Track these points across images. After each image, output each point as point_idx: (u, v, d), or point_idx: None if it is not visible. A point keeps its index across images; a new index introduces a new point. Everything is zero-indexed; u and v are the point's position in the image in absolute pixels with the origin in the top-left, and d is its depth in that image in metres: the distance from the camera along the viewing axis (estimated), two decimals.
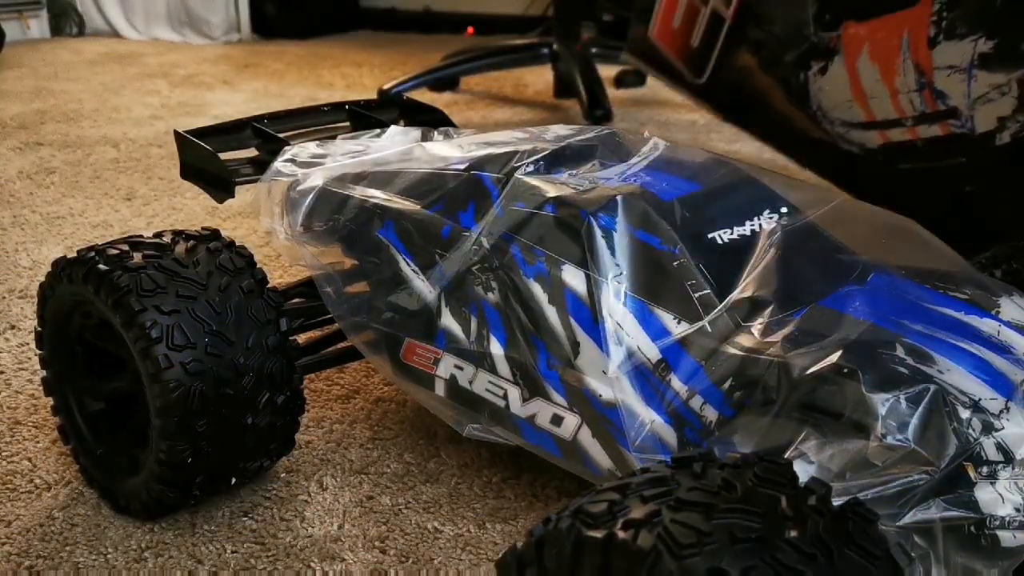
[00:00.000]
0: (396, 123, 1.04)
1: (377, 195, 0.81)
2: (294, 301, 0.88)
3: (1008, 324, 0.62)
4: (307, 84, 2.67)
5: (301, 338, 0.86)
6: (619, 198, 0.69)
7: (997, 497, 0.52)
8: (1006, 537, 0.52)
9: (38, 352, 0.87)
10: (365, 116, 1.04)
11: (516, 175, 0.75)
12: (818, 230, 0.70)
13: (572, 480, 0.83)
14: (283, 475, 0.87)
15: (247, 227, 1.52)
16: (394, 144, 0.89)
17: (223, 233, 0.84)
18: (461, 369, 0.73)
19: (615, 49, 2.55)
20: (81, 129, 2.15)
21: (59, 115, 2.27)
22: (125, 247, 0.78)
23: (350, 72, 2.85)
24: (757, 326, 0.63)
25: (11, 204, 1.65)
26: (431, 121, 1.04)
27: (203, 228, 0.84)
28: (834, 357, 0.57)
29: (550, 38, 2.40)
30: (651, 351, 0.64)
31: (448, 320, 0.74)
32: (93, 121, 2.23)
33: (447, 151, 0.84)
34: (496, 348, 0.71)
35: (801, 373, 0.58)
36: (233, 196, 0.93)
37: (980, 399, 0.54)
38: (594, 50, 2.34)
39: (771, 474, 0.46)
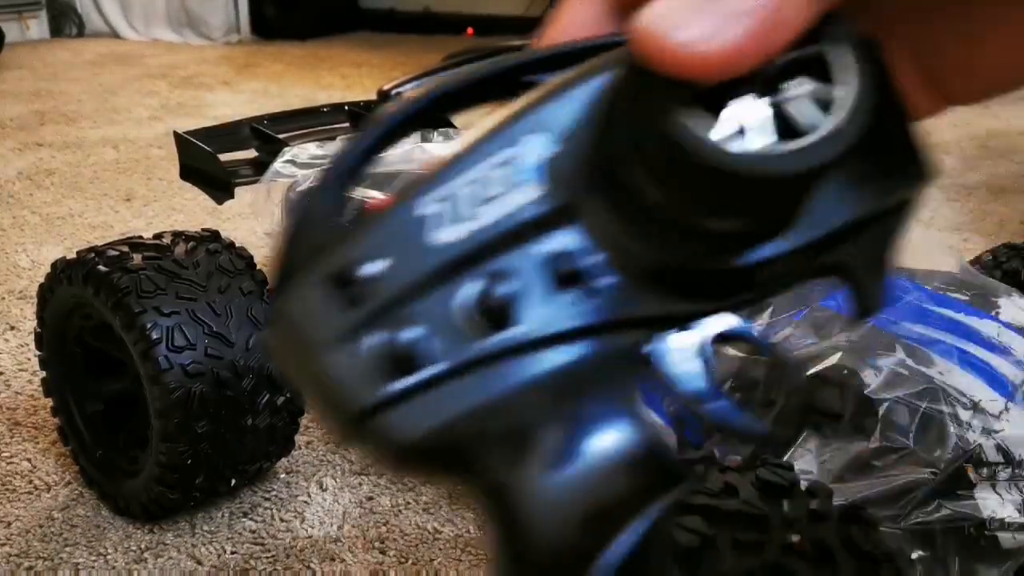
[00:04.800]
0: None
1: (377, 196, 0.81)
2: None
3: (1008, 325, 0.62)
4: (307, 85, 2.67)
5: None
6: None
7: (997, 498, 0.52)
8: (1006, 538, 0.52)
9: (38, 353, 0.86)
10: (365, 117, 1.04)
11: None
12: None
13: None
14: (283, 476, 0.87)
15: (247, 228, 1.52)
16: (394, 145, 0.89)
17: (223, 234, 0.84)
18: None
19: None
20: (81, 130, 2.15)
21: (59, 116, 2.27)
22: (125, 248, 0.78)
23: (350, 73, 2.85)
24: (757, 327, 0.63)
25: (11, 205, 1.65)
26: (431, 122, 1.04)
27: (203, 229, 0.84)
28: (834, 358, 0.57)
29: None
30: None
31: None
32: (93, 122, 2.23)
33: (447, 152, 0.84)
34: None
35: (801, 375, 0.58)
36: (233, 197, 0.93)
37: (980, 400, 0.54)
38: None
39: (772, 477, 0.46)
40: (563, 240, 0.23)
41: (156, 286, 0.74)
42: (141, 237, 0.81)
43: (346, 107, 1.07)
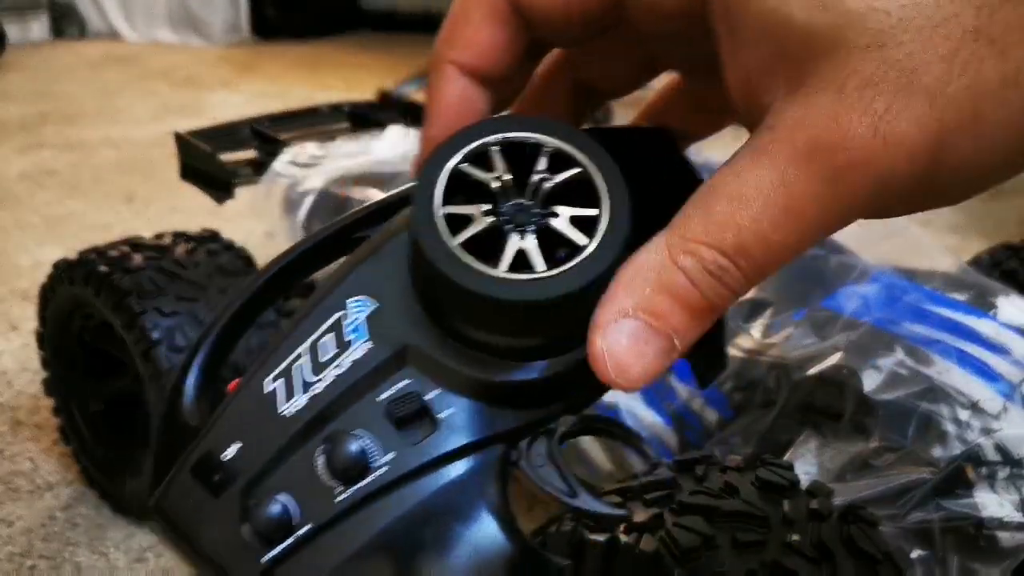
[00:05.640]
0: (396, 124, 1.04)
1: (377, 196, 0.81)
2: (294, 303, 0.88)
3: (1006, 325, 0.62)
4: (307, 85, 2.67)
5: None
6: None
7: (996, 498, 0.52)
8: (1004, 538, 0.52)
9: (40, 353, 0.87)
10: (364, 117, 1.04)
11: None
12: None
13: None
14: None
15: (247, 228, 1.52)
16: (394, 145, 0.89)
17: (223, 234, 0.84)
18: None
19: None
20: (82, 131, 2.15)
21: (60, 117, 2.27)
22: (125, 249, 0.78)
23: (350, 73, 2.85)
24: (757, 327, 0.63)
25: (12, 205, 1.65)
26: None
27: (203, 229, 0.84)
28: (834, 358, 0.57)
29: None
30: None
31: None
32: (94, 123, 2.23)
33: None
34: None
35: (801, 375, 0.58)
36: (233, 197, 0.93)
37: (979, 400, 0.54)
38: None
39: (772, 477, 0.46)
40: (398, 385, 0.25)
41: (156, 286, 0.74)
42: (142, 237, 0.82)
43: (346, 108, 1.07)
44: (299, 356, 0.26)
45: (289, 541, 0.24)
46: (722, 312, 0.23)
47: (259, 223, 0.87)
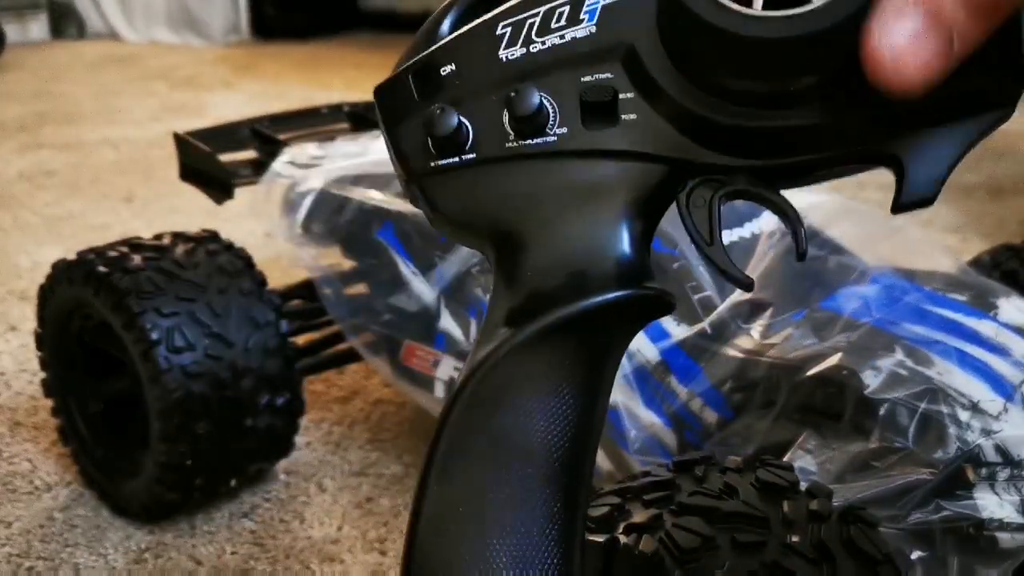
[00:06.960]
0: None
1: (376, 197, 0.81)
2: (293, 303, 0.88)
3: (1006, 326, 0.62)
4: (307, 85, 2.67)
5: (300, 340, 0.86)
6: None
7: (996, 499, 0.52)
8: (1004, 538, 0.52)
9: (38, 354, 0.87)
10: (364, 117, 1.04)
11: None
12: (818, 232, 0.70)
13: None
14: (282, 477, 0.87)
15: (247, 228, 1.52)
16: None
17: (222, 235, 0.84)
18: (461, 371, 0.73)
19: None
20: (81, 131, 2.15)
21: (59, 117, 2.27)
22: (125, 249, 0.78)
23: (350, 73, 2.85)
24: (757, 328, 0.63)
25: (11, 205, 1.65)
26: None
27: (203, 230, 0.84)
28: (834, 359, 0.57)
29: None
30: (651, 353, 0.64)
31: (448, 322, 0.74)
32: (93, 123, 2.23)
33: None
34: None
35: (801, 375, 0.58)
36: (232, 197, 0.93)
37: (979, 401, 0.54)
38: None
39: (772, 478, 0.46)
40: (601, 75, 0.27)
41: (156, 287, 0.74)
42: (141, 238, 0.82)
43: (345, 108, 1.07)
44: (535, 15, 0.28)
45: (454, 159, 0.28)
46: (1004, 13, 0.22)
47: (259, 223, 0.87)
